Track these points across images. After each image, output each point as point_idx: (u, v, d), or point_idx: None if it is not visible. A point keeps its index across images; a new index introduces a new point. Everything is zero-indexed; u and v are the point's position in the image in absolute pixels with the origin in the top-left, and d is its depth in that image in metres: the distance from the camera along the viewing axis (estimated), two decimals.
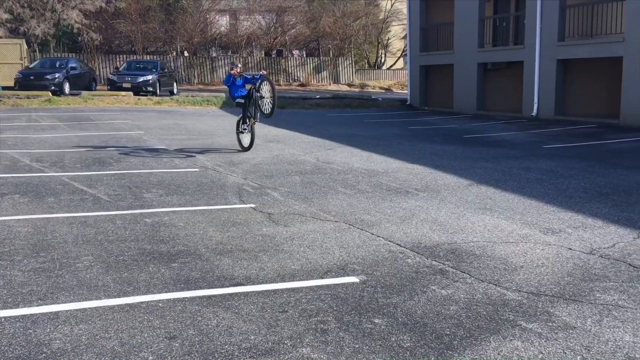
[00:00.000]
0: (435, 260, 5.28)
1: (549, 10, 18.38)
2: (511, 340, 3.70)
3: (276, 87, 11.92)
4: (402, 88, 38.02)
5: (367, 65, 46.32)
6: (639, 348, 3.57)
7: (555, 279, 4.80)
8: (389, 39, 47.56)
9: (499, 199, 7.73)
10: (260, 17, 39.39)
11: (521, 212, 7.04)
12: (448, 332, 3.82)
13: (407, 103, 26.45)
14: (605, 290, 4.52)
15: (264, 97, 11.21)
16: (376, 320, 4.00)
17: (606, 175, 9.31)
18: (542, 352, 3.53)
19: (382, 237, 6.01)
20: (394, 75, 44.58)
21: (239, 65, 11.99)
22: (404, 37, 37.39)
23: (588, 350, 3.56)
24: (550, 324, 3.93)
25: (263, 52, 40.75)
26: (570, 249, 5.61)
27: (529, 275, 4.87)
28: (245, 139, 11.79)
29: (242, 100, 11.47)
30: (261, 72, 11.64)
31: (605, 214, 6.85)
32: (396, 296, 4.44)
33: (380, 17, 44.41)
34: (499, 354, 3.53)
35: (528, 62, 19.39)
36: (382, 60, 48.08)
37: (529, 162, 10.63)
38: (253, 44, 39.49)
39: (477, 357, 3.49)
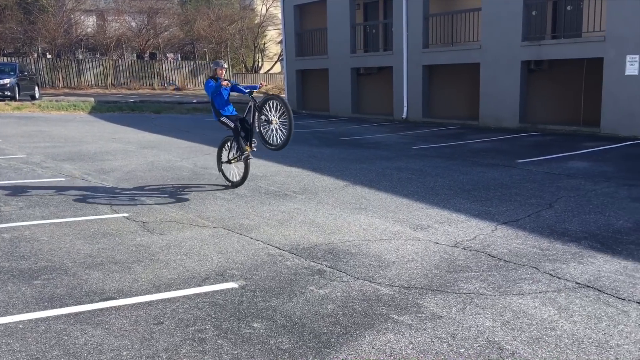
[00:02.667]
0: (313, 261, 5.38)
1: (413, 19, 19.48)
2: (384, 333, 3.86)
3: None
4: (280, 92, 38.32)
5: (244, 70, 46.16)
6: (497, 332, 3.88)
7: (424, 272, 5.09)
8: (265, 43, 47.77)
9: (373, 199, 8.04)
10: (130, 18, 37.80)
11: (393, 210, 7.38)
12: (326, 331, 3.90)
13: None
14: (468, 280, 4.86)
15: (270, 122, 7.99)
16: (255, 325, 3.99)
17: (468, 173, 10.03)
18: (412, 342, 3.73)
19: (261, 241, 6.01)
20: (272, 79, 44.80)
21: (225, 66, 8.67)
22: (280, 42, 37.73)
23: (453, 337, 3.81)
24: (420, 315, 4.16)
25: (135, 55, 39.14)
26: (437, 243, 5.97)
27: (401, 270, 5.12)
28: (234, 171, 8.75)
29: (232, 123, 8.36)
30: (259, 83, 8.97)
31: (468, 209, 7.38)
32: (275, 299, 4.45)
33: (256, 22, 44.50)
34: (373, 347, 3.67)
35: (397, 67, 20.40)
36: (260, 65, 48.19)
37: (400, 163, 11.18)
38: (124, 46, 37.78)
39: (353, 352, 3.60)
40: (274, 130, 8.00)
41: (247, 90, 8.35)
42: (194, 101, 27.74)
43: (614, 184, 8.73)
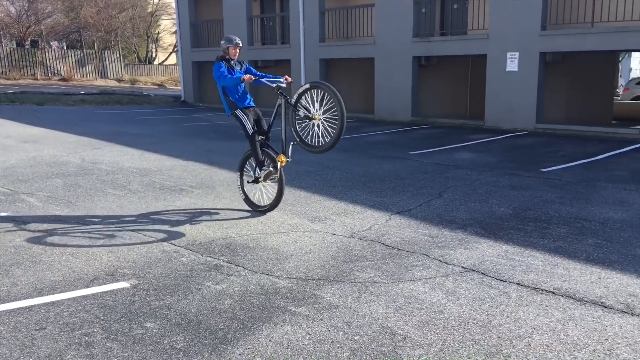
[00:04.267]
0: (210, 257, 5.27)
1: (310, 13, 19.64)
2: (282, 325, 3.86)
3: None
4: (176, 84, 37.24)
5: (137, 60, 44.31)
6: (390, 318, 4.00)
7: (321, 263, 5.15)
8: (159, 33, 46.13)
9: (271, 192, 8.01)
10: (8, 2, 35.01)
11: (291, 203, 7.40)
12: (222, 327, 3.84)
13: (182, 100, 26.00)
14: (363, 269, 4.98)
15: (312, 118, 6.24)
16: (148, 325, 3.84)
17: (364, 165, 10.29)
18: (309, 333, 3.76)
19: (155, 238, 5.80)
20: (167, 71, 43.39)
21: (241, 44, 6.69)
22: (175, 32, 36.61)
23: (349, 325, 3.88)
24: (317, 305, 4.20)
25: (15, 43, 36.34)
26: (334, 234, 6.07)
27: (299, 262, 5.15)
28: (260, 193, 6.83)
29: (248, 123, 6.54)
30: (284, 78, 6.60)
31: (364, 200, 7.56)
32: (170, 297, 4.31)
33: (149, 10, 42.83)
34: (270, 340, 3.66)
35: (295, 60, 20.49)
36: (154, 55, 46.47)
37: (298, 156, 11.23)
38: (1, 32, 34.95)
39: (250, 347, 3.57)
40: (317, 130, 6.17)
41: (274, 85, 6.39)
42: (82, 92, 26.24)
43: (496, 174, 9.31)
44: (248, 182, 6.88)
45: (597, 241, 5.73)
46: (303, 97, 6.31)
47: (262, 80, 6.59)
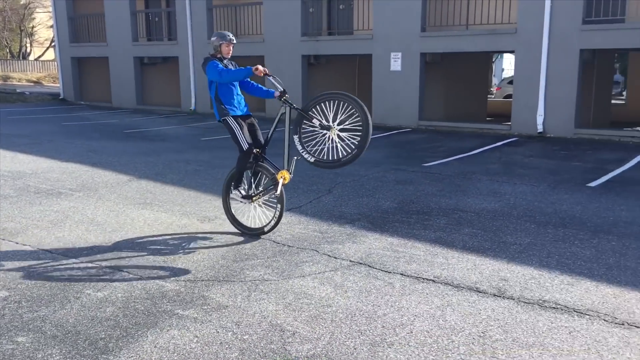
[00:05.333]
0: (91, 263, 5.00)
1: (197, 9, 19.22)
2: (168, 330, 3.76)
3: None
4: (55, 81, 34.95)
5: (9, 55, 41.06)
6: (280, 314, 4.03)
7: (210, 263, 5.06)
8: (34, 27, 43.05)
9: (159, 193, 7.77)
10: None
11: (180, 203, 7.22)
12: (104, 336, 3.66)
13: (61, 97, 24.46)
14: (254, 267, 4.97)
15: (327, 128, 5.43)
16: (20, 339, 3.57)
17: None
18: (197, 336, 3.68)
19: (30, 245, 5.41)
20: (44, 67, 40.58)
21: (235, 41, 5.94)
22: (52, 26, 34.37)
23: (238, 325, 3.85)
24: (206, 307, 4.13)
25: None
26: (224, 233, 5.99)
27: (187, 264, 5.03)
28: (253, 214, 5.92)
29: (241, 135, 5.68)
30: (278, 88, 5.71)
31: None
32: (45, 308, 4.04)
33: (22, 2, 39.83)
34: (155, 346, 3.54)
35: (183, 57, 19.96)
36: (28, 51, 43.30)
37: (189, 155, 10.98)
38: None
39: (133, 355, 3.43)
40: (331, 141, 5.41)
41: (278, 92, 5.64)
42: None
43: (382, 169, 9.66)
44: (240, 197, 5.84)
45: (472, 230, 6.12)
46: (318, 107, 5.46)
47: (257, 84, 5.96)
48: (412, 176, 9.09)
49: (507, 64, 35.09)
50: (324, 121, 5.40)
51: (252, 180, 5.89)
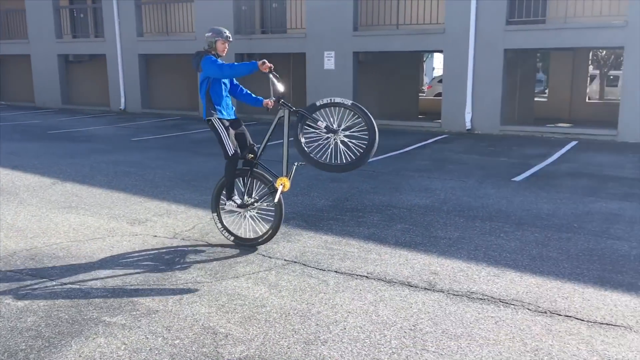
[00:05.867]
0: (10, 271, 4.75)
1: (125, 5, 18.63)
2: (94, 338, 3.61)
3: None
4: None
5: None
6: (212, 317, 3.95)
7: (140, 267, 4.91)
8: None
9: (86, 195, 7.48)
10: None
11: (109, 206, 6.98)
12: (24, 347, 3.47)
13: None
14: (186, 270, 4.86)
15: (333, 132, 5.10)
16: None
17: (188, 163, 10.05)
18: (125, 343, 3.56)
19: None
20: None
21: (231, 38, 5.66)
22: None
23: (169, 330, 3.75)
24: (135, 312, 4.00)
25: None
26: (156, 236, 5.84)
27: (115, 269, 4.86)
28: (248, 223, 5.58)
29: (227, 132, 5.37)
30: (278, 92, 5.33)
31: (187, 199, 7.38)
32: None
33: None
34: (80, 356, 3.40)
35: (110, 55, 19.31)
36: None
37: (118, 156, 10.63)
38: None
39: None
40: (335, 145, 5.10)
41: (276, 96, 5.30)
42: None
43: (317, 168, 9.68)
44: (236, 207, 5.46)
45: (404, 226, 6.24)
46: (321, 112, 5.18)
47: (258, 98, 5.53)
48: (346, 174, 9.16)
49: (438, 63, 36.08)
50: (330, 125, 5.06)
51: (244, 188, 5.49)
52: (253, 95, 5.62)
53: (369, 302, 4.24)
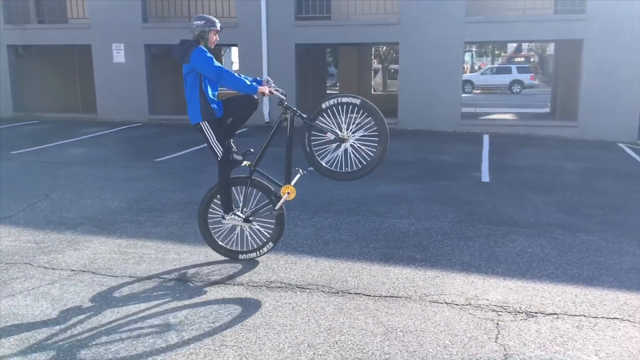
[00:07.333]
0: None
1: None
2: None
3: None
4: None
5: None
6: None
7: None
8: None
9: None
10: None
11: None
12: None
13: None
14: None
15: (343, 139, 4.60)
16: None
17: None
18: None
19: None
20: None
21: (220, 28, 4.71)
22: None
23: None
24: None
25: None
26: None
27: None
28: (245, 235, 4.97)
29: (209, 131, 4.62)
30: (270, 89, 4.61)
31: None
32: None
33: None
34: None
35: None
36: None
37: None
38: None
39: None
40: (345, 151, 4.64)
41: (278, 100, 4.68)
42: None
43: (110, 167, 9.09)
44: (242, 222, 4.85)
45: None
46: (328, 112, 4.64)
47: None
48: (143, 172, 8.74)
49: (236, 57, 36.31)
50: (338, 132, 4.62)
51: (242, 199, 4.89)
52: (247, 83, 4.57)
53: (167, 304, 4.07)
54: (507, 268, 4.81)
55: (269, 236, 4.90)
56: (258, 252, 4.92)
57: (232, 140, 4.82)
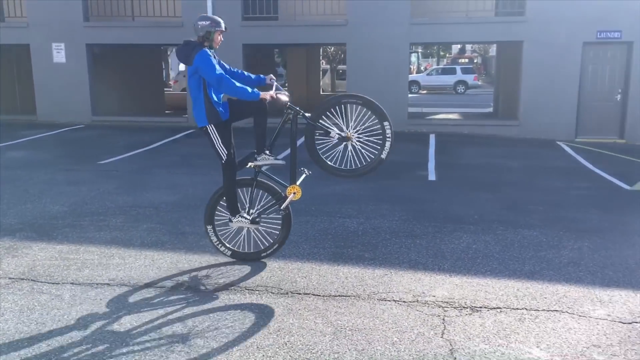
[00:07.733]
0: None
1: None
2: None
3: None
4: None
5: None
6: None
7: None
8: None
9: None
10: None
11: None
12: None
13: None
14: None
15: (346, 138, 4.62)
16: None
17: None
18: None
19: None
20: None
21: (225, 28, 4.58)
22: None
23: None
24: None
25: None
26: None
27: None
28: (251, 236, 5.01)
29: (215, 134, 4.56)
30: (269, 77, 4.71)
31: None
32: None
33: None
34: None
35: None
36: None
37: None
38: None
39: None
40: (348, 149, 4.65)
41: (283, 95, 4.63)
42: None
43: (51, 171, 8.77)
44: (249, 224, 4.80)
45: (151, 225, 6.01)
46: (332, 111, 4.64)
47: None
48: (86, 175, 8.48)
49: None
50: (342, 131, 4.64)
51: (249, 200, 4.84)
52: (249, 91, 4.48)
53: (111, 311, 3.96)
54: (453, 264, 4.92)
55: (275, 237, 4.92)
56: (261, 255, 4.94)
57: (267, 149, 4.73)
